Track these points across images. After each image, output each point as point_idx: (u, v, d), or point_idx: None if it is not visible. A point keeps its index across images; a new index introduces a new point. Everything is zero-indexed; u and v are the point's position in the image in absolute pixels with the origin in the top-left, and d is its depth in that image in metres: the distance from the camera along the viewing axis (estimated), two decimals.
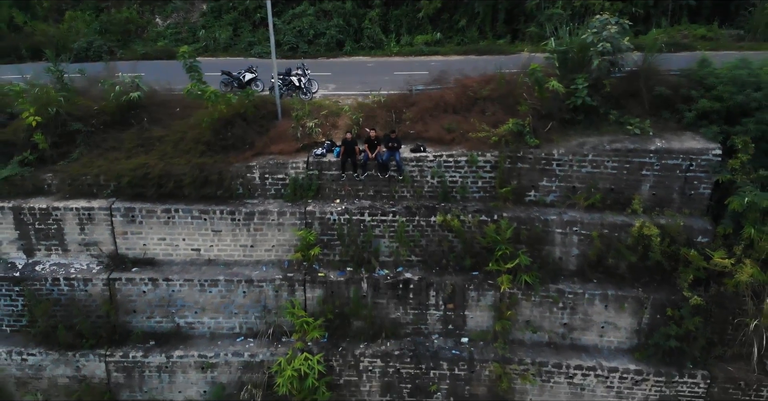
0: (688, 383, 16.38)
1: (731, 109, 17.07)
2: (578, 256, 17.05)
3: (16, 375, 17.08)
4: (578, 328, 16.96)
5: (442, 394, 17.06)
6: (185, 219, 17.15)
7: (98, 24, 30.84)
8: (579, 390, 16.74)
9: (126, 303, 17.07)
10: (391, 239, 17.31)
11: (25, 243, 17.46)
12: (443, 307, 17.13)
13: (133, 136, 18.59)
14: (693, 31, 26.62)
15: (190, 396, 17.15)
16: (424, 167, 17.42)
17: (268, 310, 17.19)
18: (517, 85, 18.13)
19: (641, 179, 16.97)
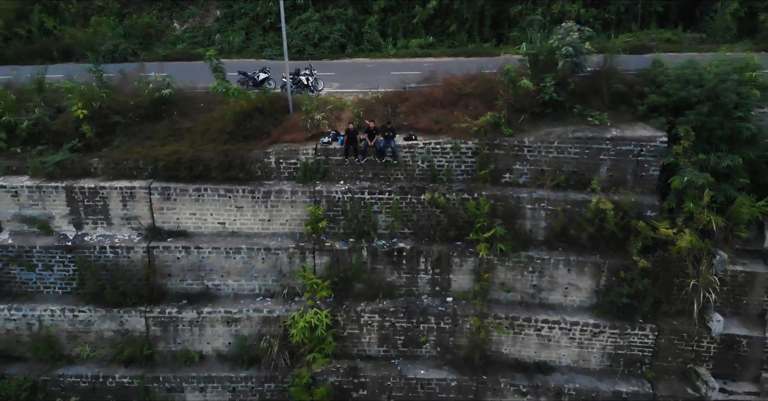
0: (638, 335, 19.36)
1: (677, 103, 20.04)
2: (545, 228, 20.05)
3: (67, 330, 20.08)
4: (545, 289, 19.96)
5: (430, 344, 20.06)
6: (212, 197, 20.17)
7: (122, 28, 33.82)
8: (546, 341, 19.74)
9: (162, 268, 20.10)
10: (387, 214, 20.31)
11: (75, 218, 20.47)
12: (431, 271, 20.14)
13: (166, 127, 21.61)
14: (660, 35, 29.58)
15: (217, 347, 20.16)
16: (416, 153, 20.39)
17: (283, 274, 20.21)
18: (495, 83, 21.14)
19: (599, 163, 19.96)
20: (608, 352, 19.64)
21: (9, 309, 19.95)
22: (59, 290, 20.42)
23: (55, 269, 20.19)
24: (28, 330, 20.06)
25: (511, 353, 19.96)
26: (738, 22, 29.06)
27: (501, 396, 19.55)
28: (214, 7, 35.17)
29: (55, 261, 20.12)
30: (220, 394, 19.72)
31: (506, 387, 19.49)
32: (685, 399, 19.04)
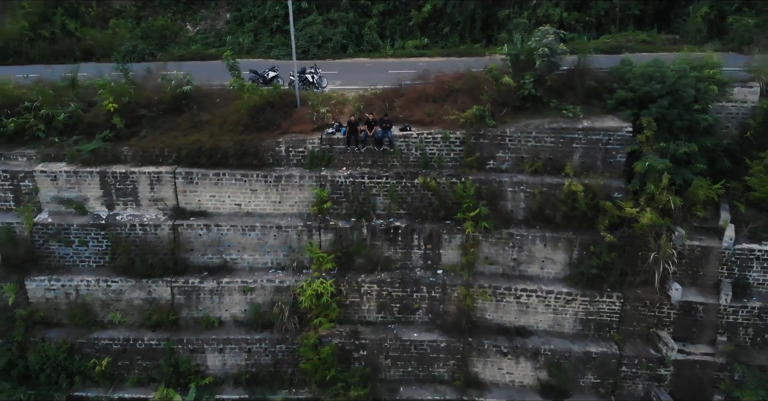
0: (606, 302, 21.92)
1: (641, 97, 22.56)
2: (524, 208, 22.59)
3: (101, 299, 22.67)
4: (524, 262, 22.50)
5: (422, 311, 22.62)
6: (230, 181, 22.75)
7: (140, 30, 36.35)
8: (525, 308, 22.30)
9: (186, 244, 22.69)
10: (384, 196, 22.85)
11: (107, 199, 23.05)
12: (423, 247, 22.70)
13: (187, 119, 24.18)
14: (636, 36, 32.04)
15: (234, 314, 22.75)
16: (410, 142, 22.93)
17: (293, 249, 22.79)
18: (481, 80, 23.68)
19: (572, 150, 22.48)
20: (580, 318, 22.20)
21: (49, 281, 22.55)
22: (93, 263, 23.02)
23: (90, 245, 22.78)
24: (65, 299, 22.66)
25: (494, 318, 22.53)
26: (708, 24, 31.49)
27: (485, 356, 22.14)
28: (224, 10, 37.71)
29: (90, 237, 22.72)
30: (237, 355, 22.32)
31: (489, 349, 22.07)
32: (648, 359, 21.60)
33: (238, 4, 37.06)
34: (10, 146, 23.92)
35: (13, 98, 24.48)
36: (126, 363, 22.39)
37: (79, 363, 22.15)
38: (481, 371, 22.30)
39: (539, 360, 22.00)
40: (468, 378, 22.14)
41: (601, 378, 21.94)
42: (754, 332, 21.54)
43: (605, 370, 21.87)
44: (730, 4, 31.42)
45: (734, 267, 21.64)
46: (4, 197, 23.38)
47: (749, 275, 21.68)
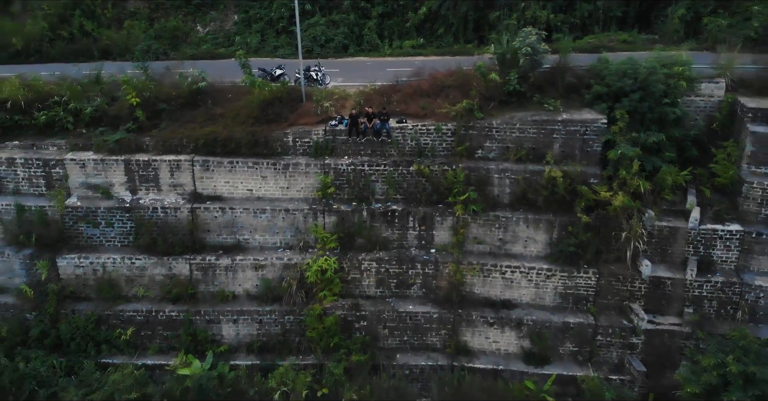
0: (583, 277, 24.22)
1: (616, 92, 24.80)
2: (509, 193, 24.87)
3: (125, 275, 25.01)
4: (509, 241, 24.81)
5: (417, 286, 24.94)
6: (243, 169, 25.06)
7: (153, 31, 38.63)
8: (509, 283, 24.60)
9: (203, 225, 25.03)
10: (382, 183, 25.15)
11: (131, 185, 25.38)
12: (418, 228, 25.01)
13: (202, 113, 26.49)
14: (618, 37, 34.27)
15: (247, 288, 25.08)
16: (406, 133, 25.22)
17: (299, 230, 25.11)
18: (470, 77, 25.97)
19: (553, 140, 24.76)
20: (559, 292, 24.51)
21: (78, 258, 24.90)
22: (118, 243, 25.36)
23: (116, 226, 25.13)
24: (93, 275, 25.00)
25: (482, 292, 24.83)
26: (685, 25, 33.71)
27: (473, 326, 24.46)
28: (232, 12, 39.99)
29: (116, 219, 25.07)
30: (249, 325, 24.66)
31: (477, 319, 24.39)
32: (621, 329, 23.89)
33: (245, 6, 39.33)
34: (42, 137, 26.29)
35: (43, 93, 26.80)
36: (148, 333, 24.74)
37: (106, 333, 24.51)
38: (469, 340, 24.62)
39: (522, 330, 24.30)
40: (458, 346, 24.46)
41: (579, 347, 24.25)
42: (717, 304, 23.80)
43: (582, 339, 24.18)
44: (706, 6, 33.60)
45: (699, 246, 23.89)
46: (36, 183, 25.74)
47: (713, 253, 23.92)
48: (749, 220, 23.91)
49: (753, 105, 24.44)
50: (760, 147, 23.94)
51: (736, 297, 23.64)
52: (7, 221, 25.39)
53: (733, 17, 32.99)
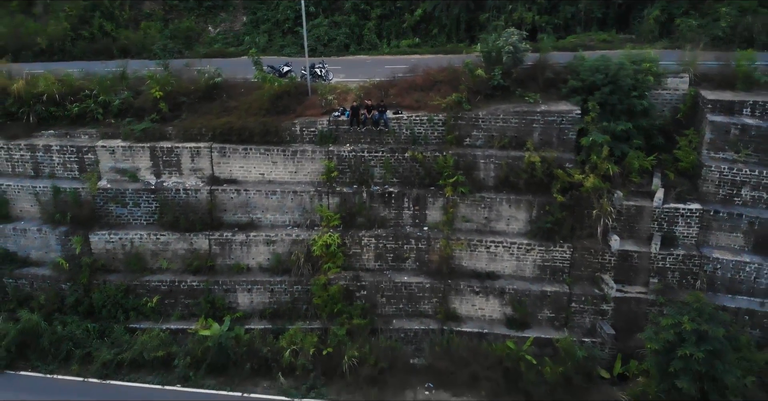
0: (559, 251, 27.12)
1: (588, 86, 27.65)
2: (494, 176, 27.75)
3: (151, 249, 27.96)
4: (493, 220, 27.71)
5: (411, 259, 27.86)
6: (255, 155, 27.99)
7: (168, 31, 41.59)
8: (493, 256, 27.51)
9: (220, 205, 27.98)
10: (380, 167, 28.05)
11: (155, 170, 28.32)
12: (412, 208, 27.92)
13: (218, 105, 29.40)
14: (598, 36, 37.23)
15: (260, 261, 28.03)
16: (401, 123, 28.12)
17: (306, 210, 28.03)
18: (459, 72, 28.89)
19: (532, 129, 27.64)
20: (537, 264, 27.42)
21: (108, 235, 27.87)
22: (144, 221, 28.33)
23: (142, 206, 28.08)
24: (122, 249, 27.96)
25: (469, 265, 27.73)
26: (659, 26, 36.70)
27: (461, 295, 27.39)
28: (241, 13, 42.97)
29: (142, 200, 28.03)
30: (262, 294, 27.60)
31: (465, 289, 27.31)
32: (593, 297, 26.78)
33: (253, 8, 42.32)
34: (75, 126, 29.28)
35: (74, 87, 29.77)
36: (172, 301, 27.69)
37: (134, 301, 27.44)
38: (458, 307, 27.54)
39: (505, 298, 27.21)
40: (447, 312, 27.36)
41: (555, 313, 27.15)
42: (679, 275, 26.66)
43: (558, 306, 27.09)
44: (678, 7, 36.61)
45: (663, 223, 26.76)
46: (70, 167, 28.71)
47: (675, 229, 26.79)
48: (708, 200, 26.78)
49: (712, 97, 27.32)
50: (718, 134, 26.83)
51: (695, 268, 26.49)
52: (45, 201, 28.40)
53: (704, 18, 35.98)
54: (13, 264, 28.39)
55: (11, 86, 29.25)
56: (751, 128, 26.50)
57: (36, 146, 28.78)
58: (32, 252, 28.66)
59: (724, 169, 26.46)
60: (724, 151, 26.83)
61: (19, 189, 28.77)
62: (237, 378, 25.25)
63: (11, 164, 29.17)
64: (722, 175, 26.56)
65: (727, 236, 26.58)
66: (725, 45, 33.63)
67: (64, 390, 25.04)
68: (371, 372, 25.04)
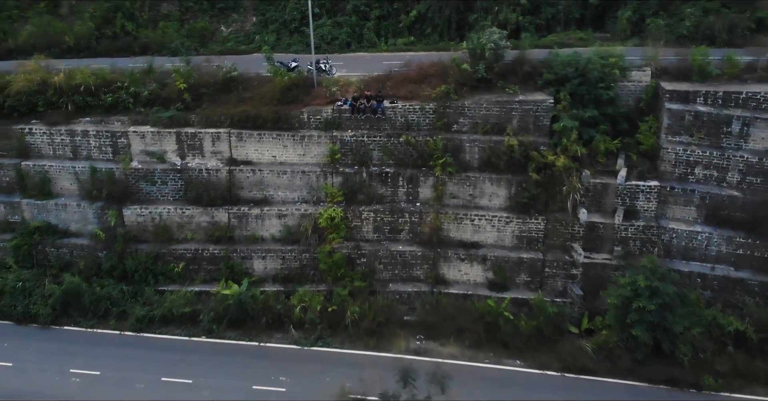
0: (534, 223, 30.93)
1: (561, 78, 31.46)
2: (478, 158, 31.53)
3: (177, 221, 31.88)
4: (477, 196, 31.51)
5: (405, 231, 31.71)
6: (268, 139, 31.85)
7: (184, 31, 45.37)
8: (477, 228, 31.33)
9: (238, 183, 31.87)
10: (378, 150, 31.87)
11: (180, 152, 32.18)
12: (406, 186, 31.74)
13: (235, 96, 33.22)
14: (576, 35, 40.96)
15: (273, 233, 31.89)
16: (397, 111, 31.91)
17: (313, 188, 31.88)
18: (448, 67, 32.68)
19: (512, 117, 31.41)
20: (516, 234, 31.24)
21: (139, 209, 31.83)
22: (171, 197, 32.25)
23: (169, 184, 32.00)
24: (151, 222, 31.87)
25: (456, 236, 31.56)
26: (631, 25, 40.44)
27: (449, 261, 31.22)
28: (251, 14, 46.76)
29: (169, 179, 31.96)
30: (274, 261, 31.49)
31: (452, 256, 31.15)
32: (564, 263, 30.60)
33: (262, 9, 46.10)
34: (109, 114, 33.16)
35: (108, 80, 33.64)
36: (195, 267, 31.57)
37: (162, 267, 31.35)
38: (446, 272, 31.38)
39: (487, 264, 31.06)
40: (437, 277, 31.20)
41: (531, 277, 31.00)
42: (640, 243, 30.43)
43: (534, 271, 30.94)
44: (649, 8, 40.35)
45: (626, 198, 30.49)
46: (105, 150, 32.64)
47: (637, 203, 30.52)
48: (665, 178, 30.55)
49: (670, 88, 31.07)
50: (675, 120, 30.60)
51: (654, 237, 30.31)
52: (83, 180, 32.33)
53: (671, 18, 39.73)
54: (55, 236, 32.31)
55: (52, 79, 33.08)
56: (703, 115, 30.30)
57: (75, 131, 32.70)
58: (72, 225, 32.59)
59: (680, 150, 30.29)
60: (680, 135, 30.61)
61: (60, 169, 32.70)
62: (254, 330, 29.18)
63: (53, 147, 33.08)
64: (678, 156, 30.38)
65: (681, 209, 30.40)
66: (690, 42, 37.29)
67: (103, 341, 28.98)
68: (370, 325, 28.91)
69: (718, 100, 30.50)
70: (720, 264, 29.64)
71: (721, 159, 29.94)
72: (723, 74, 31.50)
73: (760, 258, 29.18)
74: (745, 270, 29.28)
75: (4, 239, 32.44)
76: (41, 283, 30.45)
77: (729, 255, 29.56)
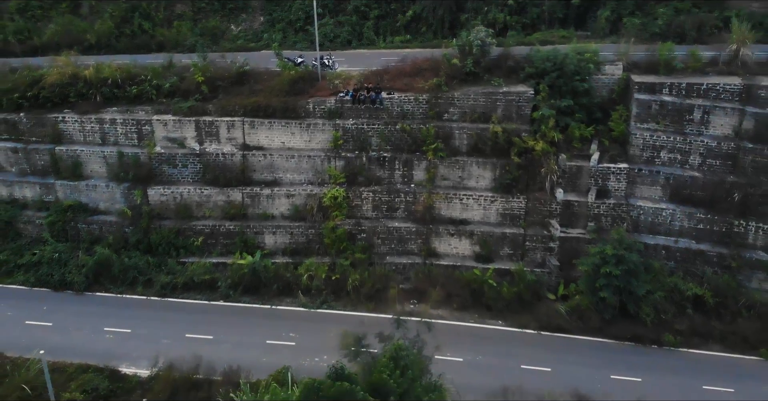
0: (516, 202, 34.49)
1: (540, 71, 35.02)
2: (466, 144, 35.09)
3: (196, 200, 35.53)
4: (465, 178, 35.09)
5: (401, 209, 35.29)
6: (278, 127, 35.46)
7: (197, 30, 48.93)
8: (465, 207, 34.91)
9: (250, 166, 35.51)
10: (377, 137, 35.44)
11: (199, 138, 35.80)
12: (402, 169, 35.33)
13: (247, 88, 36.84)
14: (559, 33, 44.42)
15: (282, 211, 35.53)
16: (393, 102, 35.47)
17: (318, 171, 35.49)
18: (440, 62, 36.25)
19: (497, 106, 34.98)
20: (500, 212, 34.84)
21: (162, 189, 35.51)
22: (191, 179, 35.91)
23: (189, 167, 35.65)
24: (173, 201, 35.55)
25: (446, 214, 35.16)
26: (610, 24, 43.94)
27: (440, 236, 34.83)
28: (259, 14, 50.31)
29: (189, 162, 35.61)
30: (283, 236, 35.14)
31: (443, 232, 34.76)
32: (543, 237, 34.16)
33: (270, 9, 49.65)
34: (133, 104, 36.86)
35: (132, 74, 37.27)
36: (213, 241, 35.22)
37: (183, 241, 35.02)
38: (437, 246, 34.99)
39: (474, 238, 34.65)
40: (429, 250, 34.83)
41: (513, 250, 34.59)
42: (611, 219, 33.98)
43: (515, 244, 34.53)
44: (626, 8, 43.83)
45: (598, 179, 34.09)
46: (131, 137, 36.30)
47: (608, 184, 34.11)
48: (634, 161, 34.13)
49: (639, 80, 34.64)
50: (642, 109, 34.17)
51: (623, 214, 33.86)
52: (111, 163, 35.99)
53: (646, 17, 43.24)
54: (86, 213, 36.03)
55: (82, 72, 36.71)
56: (668, 104, 33.88)
57: (103, 120, 36.34)
58: (101, 204, 36.26)
59: (647, 136, 33.88)
60: (647, 123, 34.19)
61: (90, 154, 36.36)
62: (266, 295, 32.86)
63: (83, 134, 36.72)
64: (645, 141, 33.96)
65: (648, 189, 34.00)
66: (663, 39, 40.73)
67: (132, 305, 32.63)
68: (369, 291, 32.56)
69: (682, 90, 34.07)
70: (683, 237, 33.26)
71: (683, 144, 33.54)
72: (687, 68, 35.07)
73: (718, 232, 32.81)
74: (705, 243, 32.91)
75: (40, 216, 36.12)
76: (75, 255, 34.10)
77: (691, 230, 33.17)
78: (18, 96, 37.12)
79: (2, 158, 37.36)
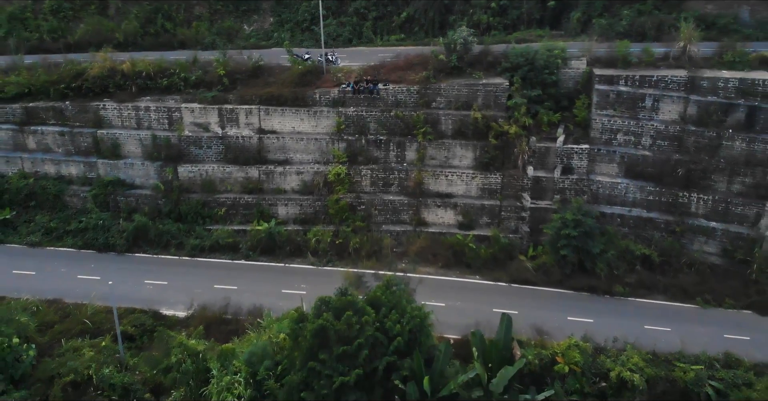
0: (493, 178, 40.25)
1: (515, 66, 40.71)
2: (452, 128, 40.84)
3: (219, 177, 41.36)
4: (451, 158, 40.85)
5: (395, 185, 41.06)
6: (289, 114, 41.23)
7: (214, 29, 54.63)
8: (450, 183, 40.65)
9: (266, 148, 41.29)
10: (374, 122, 41.19)
11: (221, 123, 41.57)
12: (395, 150, 41.10)
13: (262, 81, 42.61)
14: (536, 33, 50.11)
15: (293, 186, 41.29)
16: (388, 92, 41.18)
17: (323, 152, 41.27)
18: (429, 57, 41.99)
19: (477, 96, 40.70)
20: (480, 187, 40.61)
21: (190, 167, 41.36)
22: (214, 158, 41.76)
23: (213, 148, 41.44)
24: (199, 177, 41.35)
25: (434, 189, 40.91)
26: (581, 24, 49.65)
27: (428, 208, 40.60)
28: (269, 15, 56.04)
29: (213, 144, 41.41)
30: (294, 207, 40.96)
31: (431, 204, 40.54)
32: (516, 208, 39.93)
33: (279, 11, 55.37)
34: (164, 94, 42.58)
35: (163, 68, 43.00)
36: (233, 212, 41.05)
37: (208, 211, 40.85)
38: (426, 216, 40.77)
39: (457, 209, 40.42)
40: (419, 220, 40.60)
41: (491, 219, 40.37)
42: (574, 192, 39.62)
43: (493, 214, 40.31)
44: (595, 10, 49.53)
45: (563, 158, 39.78)
46: (162, 122, 42.07)
47: (572, 162, 39.77)
48: (595, 142, 39.81)
49: (600, 73, 40.27)
50: (602, 98, 39.86)
51: (585, 187, 39.60)
52: (146, 145, 41.81)
53: (613, 18, 48.91)
54: (124, 187, 41.91)
55: (119, 67, 42.47)
56: (624, 93, 39.54)
57: (139, 107, 42.10)
58: (137, 180, 42.08)
59: (606, 121, 39.56)
60: (606, 109, 39.85)
61: (127, 136, 42.17)
62: (280, 256, 38.70)
63: (121, 120, 42.51)
64: (604, 125, 39.67)
65: (606, 166, 39.74)
66: (626, 38, 46.37)
67: (167, 263, 38.46)
68: (368, 253, 38.32)
69: (636, 82, 39.72)
70: (635, 207, 39.01)
71: (637, 127, 39.26)
72: (641, 62, 40.72)
73: (665, 203, 38.58)
74: (654, 212, 38.66)
75: (84, 190, 41.97)
76: (116, 222, 39.92)
77: (642, 201, 38.93)
78: (64, 87, 42.99)
79: (50, 140, 43.12)
